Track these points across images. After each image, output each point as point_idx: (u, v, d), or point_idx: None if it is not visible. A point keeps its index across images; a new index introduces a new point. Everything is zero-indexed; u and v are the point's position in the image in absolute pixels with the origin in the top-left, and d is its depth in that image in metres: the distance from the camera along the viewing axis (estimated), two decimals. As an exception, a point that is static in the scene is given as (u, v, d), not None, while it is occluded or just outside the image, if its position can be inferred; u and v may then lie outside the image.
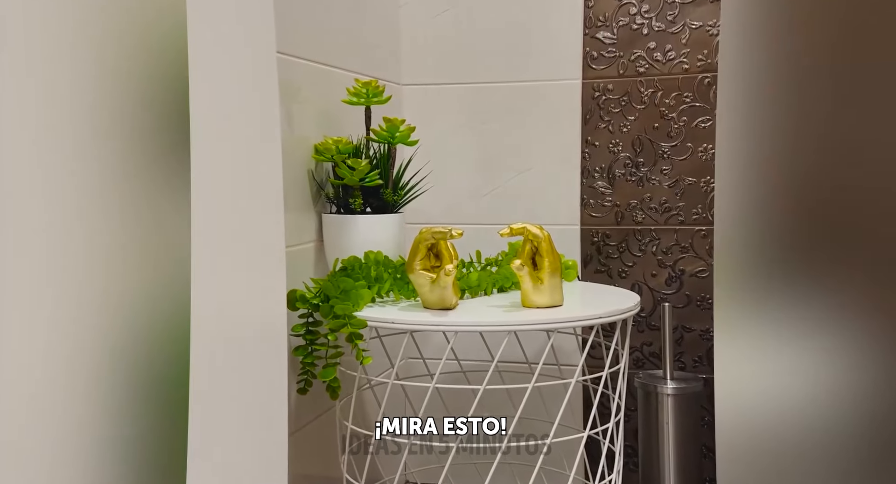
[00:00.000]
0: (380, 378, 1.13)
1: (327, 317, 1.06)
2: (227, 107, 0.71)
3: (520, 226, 1.08)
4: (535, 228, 1.07)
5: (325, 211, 1.28)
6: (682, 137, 1.47)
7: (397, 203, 1.26)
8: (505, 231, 1.08)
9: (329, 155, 1.22)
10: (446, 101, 1.59)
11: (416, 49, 1.60)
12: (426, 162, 1.50)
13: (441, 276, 1.04)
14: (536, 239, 1.07)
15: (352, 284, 1.09)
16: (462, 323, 1.04)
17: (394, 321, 1.05)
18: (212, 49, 0.69)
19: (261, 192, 0.76)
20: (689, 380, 1.34)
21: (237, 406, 0.73)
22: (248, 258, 0.75)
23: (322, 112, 1.29)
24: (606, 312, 1.08)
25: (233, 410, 0.72)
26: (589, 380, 1.10)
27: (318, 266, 1.28)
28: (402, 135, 1.25)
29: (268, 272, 0.79)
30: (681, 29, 1.46)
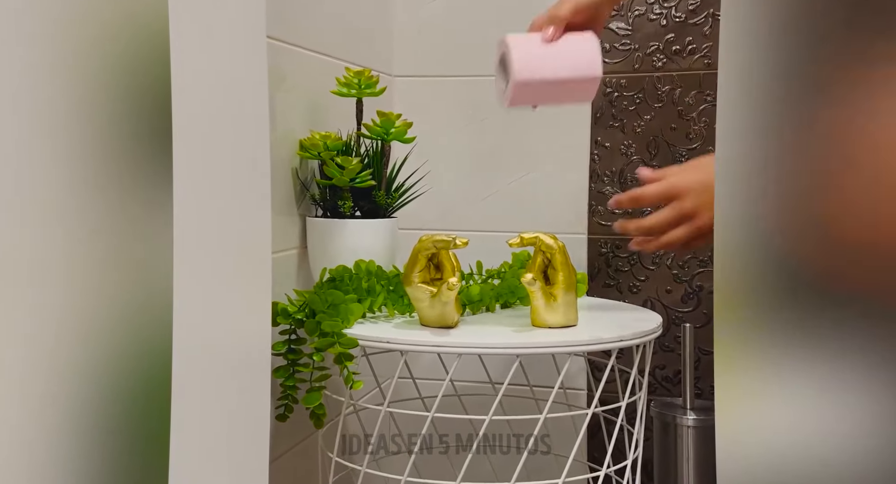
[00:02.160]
0: (370, 404, 1.06)
1: (313, 334, 1.00)
2: (211, 101, 0.65)
3: (532, 235, 1.02)
4: (548, 238, 1.01)
5: (309, 214, 1.22)
6: (703, 140, 1.42)
7: (391, 207, 1.20)
8: (515, 240, 1.02)
9: (316, 152, 1.16)
10: (442, 94, 1.53)
11: (409, 37, 1.54)
12: (419, 161, 1.44)
13: (443, 290, 0.98)
14: (550, 250, 1.01)
15: (341, 298, 1.02)
16: (471, 344, 0.98)
17: (389, 341, 0.98)
18: (196, 31, 0.63)
19: (247, 193, 0.70)
20: (710, 410, 1.28)
21: (218, 435, 0.68)
22: (232, 268, 0.69)
23: (309, 104, 1.23)
24: (630, 334, 1.02)
25: (213, 440, 0.67)
26: (602, 410, 1.04)
27: (301, 276, 1.21)
28: (398, 131, 1.19)
29: (252, 284, 0.74)
30: (703, 20, 1.41)
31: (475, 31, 1.51)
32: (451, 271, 1.01)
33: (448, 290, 0.97)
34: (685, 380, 1.29)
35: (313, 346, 1.00)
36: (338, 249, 1.15)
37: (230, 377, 0.70)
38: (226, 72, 0.68)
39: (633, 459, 1.09)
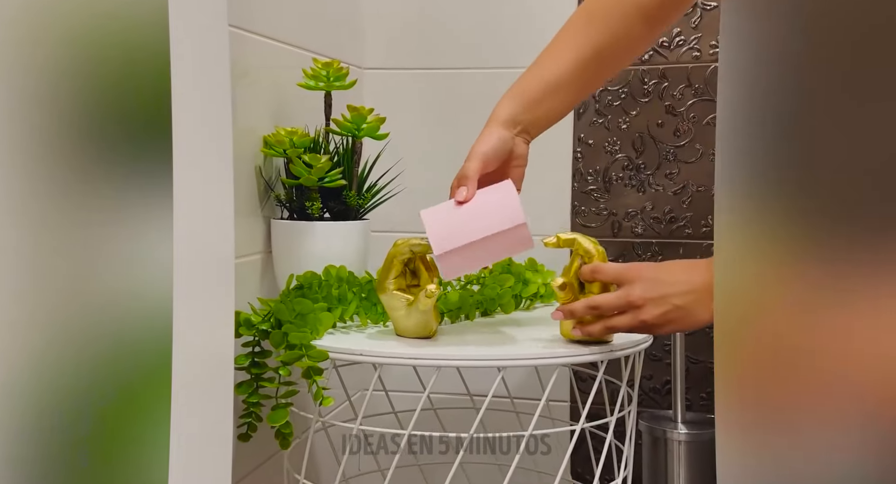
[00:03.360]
0: (340, 421, 1.02)
1: (279, 346, 0.95)
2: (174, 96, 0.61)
3: (569, 236, 0.97)
4: (587, 242, 0.96)
5: (274, 216, 1.17)
6: (691, 137, 1.39)
7: (362, 208, 1.16)
8: (551, 240, 0.97)
9: (281, 149, 1.12)
10: (416, 88, 1.49)
11: (381, 26, 1.50)
12: (393, 159, 1.39)
13: (421, 298, 0.94)
14: (588, 255, 0.96)
15: (310, 307, 0.98)
16: (451, 357, 0.94)
17: (363, 353, 0.94)
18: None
19: (207, 193, 0.65)
20: (703, 424, 1.25)
21: (176, 456, 0.64)
22: (191, 274, 0.65)
23: (274, 97, 1.19)
24: (620, 344, 0.98)
25: (171, 462, 0.63)
26: (591, 426, 1.00)
27: (265, 283, 1.17)
28: (371, 127, 1.14)
29: (213, 291, 0.70)
30: (691, 10, 1.38)
31: (451, 20, 1.47)
32: (428, 278, 0.97)
33: (426, 297, 0.93)
34: (675, 391, 1.25)
35: (279, 359, 0.95)
36: (305, 253, 1.11)
37: (188, 394, 0.66)
38: (185, 63, 0.64)
39: (623, 478, 1.05)
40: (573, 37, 1.04)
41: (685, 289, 0.92)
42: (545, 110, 1.03)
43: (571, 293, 0.96)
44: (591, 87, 1.08)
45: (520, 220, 0.92)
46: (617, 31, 1.03)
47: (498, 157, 1.00)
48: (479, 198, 0.95)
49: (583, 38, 1.04)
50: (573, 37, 1.04)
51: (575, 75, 1.03)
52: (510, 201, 0.93)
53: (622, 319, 0.93)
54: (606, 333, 0.95)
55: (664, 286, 0.92)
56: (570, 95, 1.05)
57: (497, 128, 1.01)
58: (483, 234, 0.91)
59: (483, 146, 0.99)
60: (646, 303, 0.92)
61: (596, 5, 1.05)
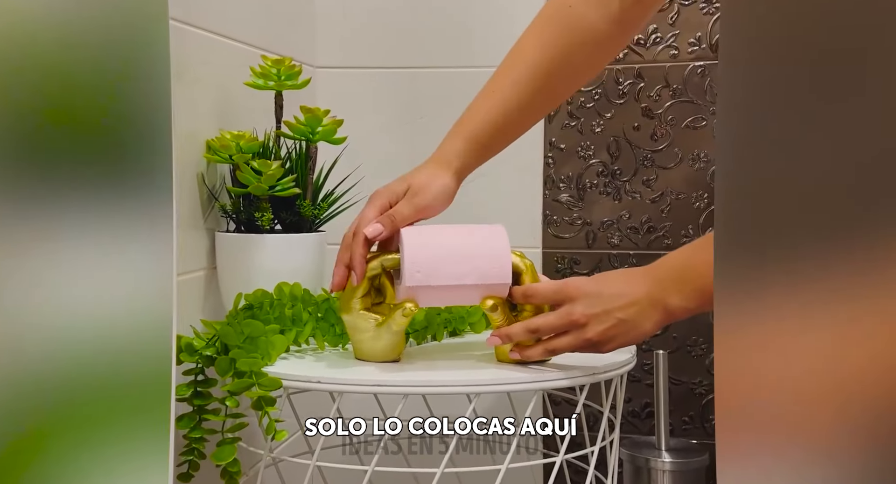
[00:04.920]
0: (294, 457, 0.96)
1: (226, 375, 0.90)
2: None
3: None
4: (514, 257, 0.93)
5: (219, 228, 1.12)
6: (670, 140, 1.36)
7: (318, 218, 1.11)
8: None
9: (227, 154, 1.07)
10: (373, 88, 1.45)
11: (334, 22, 1.45)
12: (351, 166, 1.34)
13: (396, 317, 0.90)
14: (517, 270, 0.92)
15: (261, 329, 0.93)
16: (420, 383, 0.90)
17: (321, 380, 0.89)
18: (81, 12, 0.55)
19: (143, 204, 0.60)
20: (689, 451, 1.21)
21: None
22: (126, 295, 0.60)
23: (218, 98, 1.14)
24: (602, 366, 0.94)
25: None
26: (568, 457, 0.95)
27: (209, 303, 1.12)
28: (326, 130, 1.10)
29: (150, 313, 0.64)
30: (668, 5, 1.35)
31: (410, 15, 1.43)
32: (395, 294, 0.93)
33: (403, 316, 0.89)
34: (659, 416, 1.21)
35: (226, 388, 0.90)
36: (255, 269, 1.06)
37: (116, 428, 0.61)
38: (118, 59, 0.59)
39: (608, 514, 1.00)
40: (525, 53, 1.03)
41: (627, 301, 0.89)
42: (494, 152, 1.04)
43: (504, 314, 0.92)
44: (548, 106, 1.09)
45: (507, 278, 0.90)
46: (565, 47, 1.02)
47: (445, 205, 0.98)
48: (468, 238, 0.93)
49: (533, 55, 1.02)
50: (525, 53, 1.03)
51: (526, 102, 1.01)
52: (502, 254, 0.91)
53: (565, 340, 0.90)
54: (547, 355, 0.92)
55: (606, 301, 0.89)
56: (524, 125, 1.05)
57: (448, 177, 0.98)
58: (463, 282, 0.89)
59: (427, 198, 0.96)
60: (589, 320, 0.89)
61: (546, 12, 1.04)
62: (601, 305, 0.89)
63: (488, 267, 0.90)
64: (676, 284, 0.89)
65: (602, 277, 0.94)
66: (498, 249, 0.92)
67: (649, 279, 0.90)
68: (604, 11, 1.01)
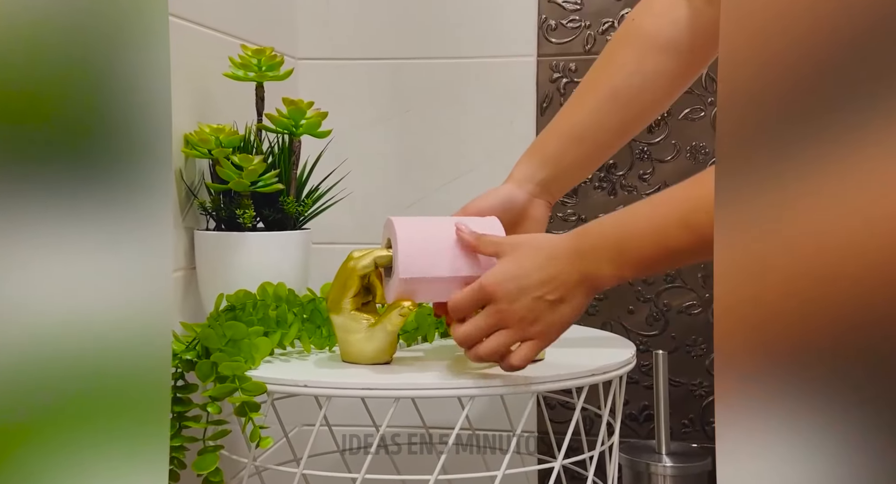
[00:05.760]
0: (279, 466, 0.93)
1: (207, 379, 0.88)
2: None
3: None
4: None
5: (198, 227, 1.10)
6: (667, 133, 1.34)
7: (303, 216, 1.09)
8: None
9: (206, 149, 1.05)
10: (358, 81, 1.43)
11: (316, 12, 1.43)
12: (336, 161, 1.32)
13: (393, 316, 0.88)
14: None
15: (244, 331, 0.91)
16: (412, 386, 0.88)
17: (308, 384, 0.87)
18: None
19: (131, 201, 0.59)
20: (690, 455, 1.19)
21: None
22: (128, 289, 0.59)
23: (196, 90, 1.12)
24: (601, 367, 0.92)
25: None
26: (567, 462, 0.93)
27: (188, 305, 1.09)
28: (311, 123, 1.08)
29: (152, 309, 0.64)
30: (664, -6, 1.33)
31: (395, 5, 1.41)
32: (383, 295, 0.91)
33: (400, 316, 0.88)
34: (659, 418, 1.19)
35: (207, 394, 0.88)
36: (237, 269, 1.04)
37: (92, 436, 0.59)
38: (117, 57, 0.58)
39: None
40: (592, 78, 1.02)
41: (554, 285, 0.84)
42: (567, 165, 1.00)
43: None
44: (620, 134, 1.03)
45: None
46: (635, 69, 1.00)
47: (498, 214, 0.95)
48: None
49: (600, 78, 1.01)
50: (592, 78, 1.02)
51: (595, 121, 1.00)
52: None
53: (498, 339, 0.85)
54: (494, 357, 0.87)
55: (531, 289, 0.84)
56: (594, 146, 1.01)
57: (507, 185, 0.98)
58: (456, 274, 0.87)
59: (481, 201, 0.96)
60: (517, 312, 0.84)
61: (617, 37, 1.02)
62: (527, 295, 0.84)
63: (484, 258, 0.88)
64: (610, 254, 0.83)
65: (521, 261, 0.87)
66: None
67: (575, 256, 0.84)
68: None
